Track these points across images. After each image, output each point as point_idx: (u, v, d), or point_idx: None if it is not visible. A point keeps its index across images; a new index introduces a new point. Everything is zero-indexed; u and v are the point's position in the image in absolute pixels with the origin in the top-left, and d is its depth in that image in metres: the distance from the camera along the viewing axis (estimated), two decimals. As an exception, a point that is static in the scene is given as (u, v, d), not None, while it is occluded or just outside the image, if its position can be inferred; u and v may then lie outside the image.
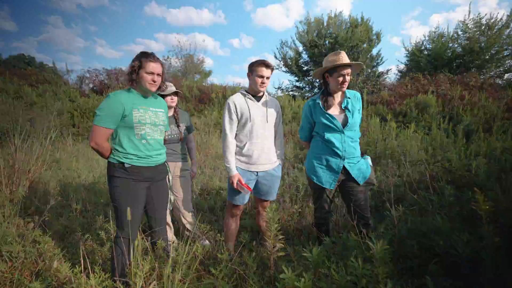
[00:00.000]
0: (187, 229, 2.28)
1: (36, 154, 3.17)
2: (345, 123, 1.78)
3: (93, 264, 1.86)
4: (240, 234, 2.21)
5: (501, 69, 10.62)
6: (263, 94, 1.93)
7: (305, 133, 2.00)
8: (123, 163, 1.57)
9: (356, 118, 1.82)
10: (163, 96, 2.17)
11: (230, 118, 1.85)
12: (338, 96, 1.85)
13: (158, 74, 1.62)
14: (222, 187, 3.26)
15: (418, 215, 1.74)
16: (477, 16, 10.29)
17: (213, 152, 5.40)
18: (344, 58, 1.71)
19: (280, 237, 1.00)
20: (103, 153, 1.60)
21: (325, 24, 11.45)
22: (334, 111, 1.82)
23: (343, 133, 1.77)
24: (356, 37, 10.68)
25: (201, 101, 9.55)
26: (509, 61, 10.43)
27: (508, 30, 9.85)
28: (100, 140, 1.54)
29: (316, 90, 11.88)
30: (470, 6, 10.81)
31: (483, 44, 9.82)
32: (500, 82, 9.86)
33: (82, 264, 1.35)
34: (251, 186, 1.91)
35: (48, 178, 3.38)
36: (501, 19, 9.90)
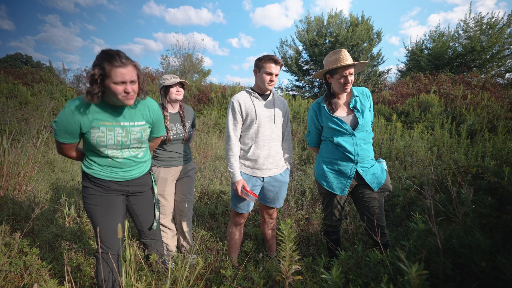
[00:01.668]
0: (187, 239, 2.11)
1: (27, 155, 3.00)
2: (355, 124, 1.63)
3: (84, 278, 1.71)
4: (244, 243, 2.07)
5: (502, 69, 10.56)
6: (270, 92, 1.79)
7: (313, 139, 1.85)
8: (87, 172, 1.38)
9: (367, 117, 1.67)
10: (167, 88, 1.92)
11: (234, 118, 1.69)
12: (344, 96, 1.70)
13: (132, 81, 1.23)
14: (223, 190, 3.11)
15: (438, 225, 1.60)
16: (478, 15, 10.22)
17: (212, 153, 5.25)
18: (345, 57, 1.55)
19: (297, 257, 0.86)
20: (75, 159, 1.44)
21: (325, 23, 11.33)
22: (342, 112, 1.67)
23: (354, 135, 1.63)
24: (357, 36, 10.57)
25: (200, 100, 9.40)
26: (510, 60, 10.36)
27: (509, 29, 9.78)
28: (65, 152, 1.37)
29: (316, 90, 11.76)
30: (471, 5, 10.67)
31: (484, 43, 9.75)
32: (501, 81, 9.80)
33: (67, 282, 1.20)
34: (257, 192, 1.76)
35: (40, 181, 3.21)
36: (502, 18, 9.83)
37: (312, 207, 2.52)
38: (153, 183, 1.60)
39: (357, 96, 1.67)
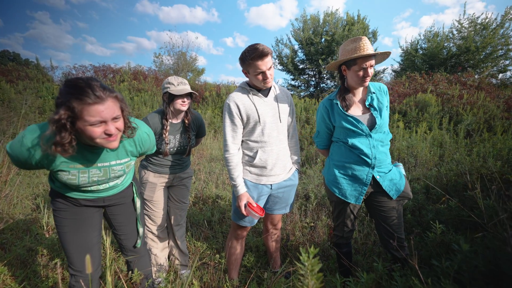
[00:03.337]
0: (180, 249, 1.89)
1: (1, 157, 2.72)
2: (372, 124, 1.44)
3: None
4: (245, 256, 1.86)
5: (495, 69, 10.67)
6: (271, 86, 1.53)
7: (323, 140, 1.64)
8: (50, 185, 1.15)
9: (385, 117, 1.47)
10: (173, 98, 1.61)
11: (233, 123, 1.43)
12: (359, 92, 1.50)
13: (114, 118, 0.94)
14: (220, 195, 2.89)
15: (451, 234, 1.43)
16: (472, 16, 10.30)
17: (207, 153, 5.02)
18: (366, 46, 1.35)
19: (323, 296, 0.66)
20: None
21: (321, 21, 11.21)
22: (356, 111, 1.47)
23: (371, 136, 1.44)
24: (353, 35, 10.48)
25: (194, 99, 9.14)
26: (503, 61, 10.48)
27: (502, 30, 9.88)
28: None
29: (312, 89, 11.63)
30: (465, 5, 10.73)
31: (478, 44, 9.82)
32: (494, 81, 9.88)
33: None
34: (263, 201, 1.54)
35: (16, 186, 2.92)
36: (495, 19, 9.91)
37: (317, 214, 2.33)
38: (135, 194, 1.35)
39: (373, 92, 1.48)
